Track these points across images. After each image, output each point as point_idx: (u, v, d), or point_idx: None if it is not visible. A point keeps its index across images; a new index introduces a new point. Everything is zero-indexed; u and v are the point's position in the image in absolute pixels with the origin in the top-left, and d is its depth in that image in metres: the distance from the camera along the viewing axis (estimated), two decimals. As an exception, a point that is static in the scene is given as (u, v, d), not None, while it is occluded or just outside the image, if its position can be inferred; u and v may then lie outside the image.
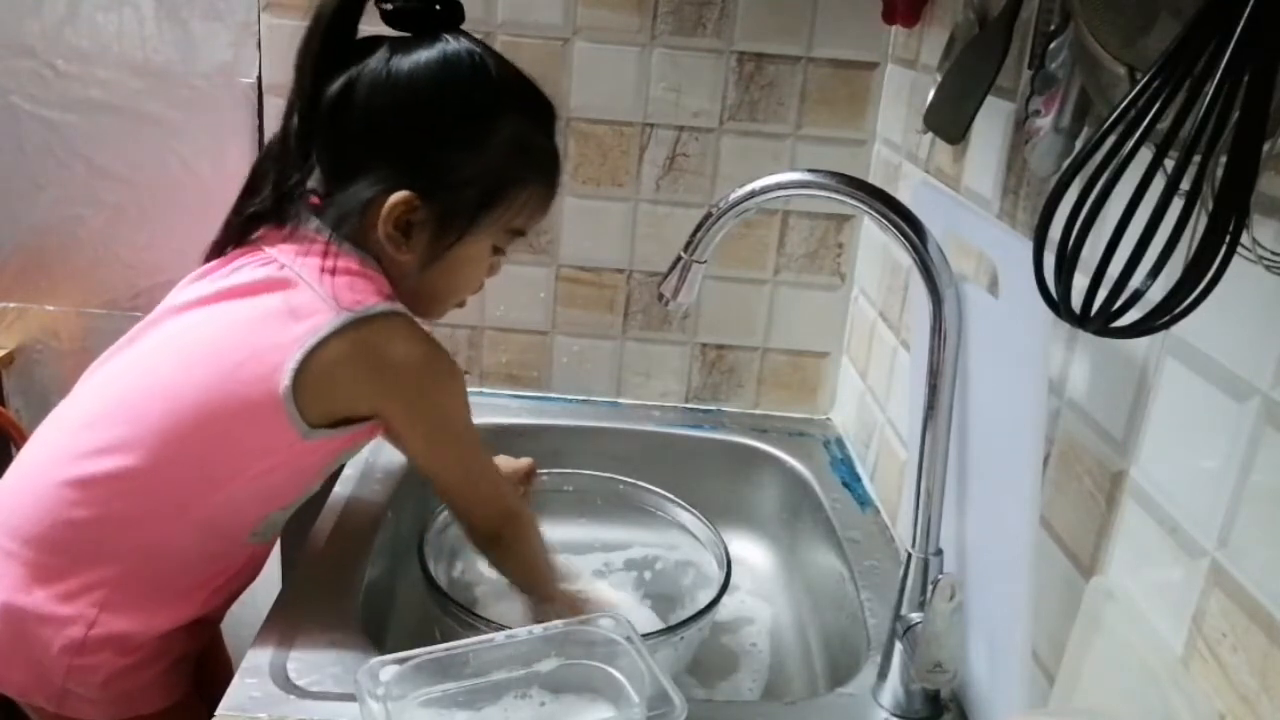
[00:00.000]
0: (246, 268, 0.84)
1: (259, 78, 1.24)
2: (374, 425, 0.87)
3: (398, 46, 0.82)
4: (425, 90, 0.81)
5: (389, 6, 0.83)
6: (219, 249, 0.88)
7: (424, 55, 0.81)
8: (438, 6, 0.83)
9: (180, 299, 0.86)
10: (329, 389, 0.81)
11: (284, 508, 0.89)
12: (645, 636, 0.80)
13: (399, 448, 0.94)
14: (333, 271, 0.81)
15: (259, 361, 0.79)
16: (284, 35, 1.21)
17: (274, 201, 0.86)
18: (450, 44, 0.82)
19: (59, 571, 0.81)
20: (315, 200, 0.85)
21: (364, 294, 0.81)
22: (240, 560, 0.91)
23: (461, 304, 0.95)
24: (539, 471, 1.09)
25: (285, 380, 0.79)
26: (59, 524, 0.81)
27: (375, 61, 0.81)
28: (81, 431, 0.83)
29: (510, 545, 0.93)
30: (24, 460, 0.86)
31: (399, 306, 0.83)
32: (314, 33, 0.82)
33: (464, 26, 0.85)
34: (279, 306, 0.80)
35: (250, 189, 0.88)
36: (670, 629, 0.88)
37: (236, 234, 0.88)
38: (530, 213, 0.89)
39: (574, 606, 0.93)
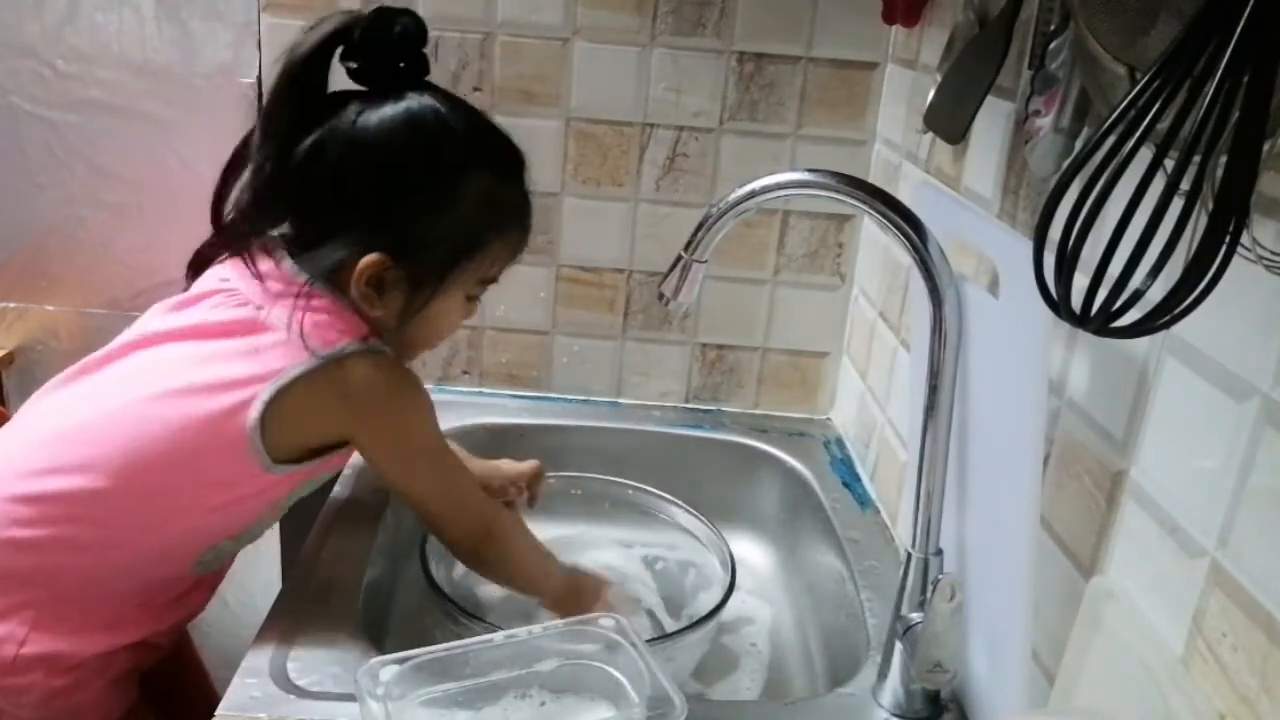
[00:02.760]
0: (221, 306, 0.83)
1: (259, 78, 1.24)
2: (338, 458, 0.87)
3: (365, 104, 0.82)
4: (392, 151, 0.82)
5: (354, 65, 0.83)
6: (194, 272, 0.88)
7: (389, 113, 0.82)
8: (401, 64, 0.83)
9: (150, 329, 0.85)
10: (297, 426, 0.82)
11: (234, 537, 0.89)
12: (650, 642, 0.80)
13: (376, 472, 0.94)
14: (304, 312, 0.81)
15: (228, 398, 0.79)
16: (284, 35, 1.19)
17: (244, 243, 0.85)
18: (415, 101, 0.82)
19: None
20: (290, 246, 0.85)
21: (335, 335, 0.82)
22: (183, 586, 0.90)
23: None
24: (546, 475, 1.09)
25: (254, 416, 0.79)
26: (1, 542, 0.79)
27: (344, 120, 0.82)
28: (34, 450, 0.82)
29: (495, 553, 0.93)
30: None
31: (372, 344, 0.83)
32: (283, 84, 0.82)
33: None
34: (252, 346, 0.81)
35: (219, 221, 0.87)
36: (672, 634, 0.88)
37: (196, 272, 0.88)
38: (504, 260, 0.90)
39: (576, 588, 0.94)
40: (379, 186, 0.83)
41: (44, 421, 0.84)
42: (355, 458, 1.11)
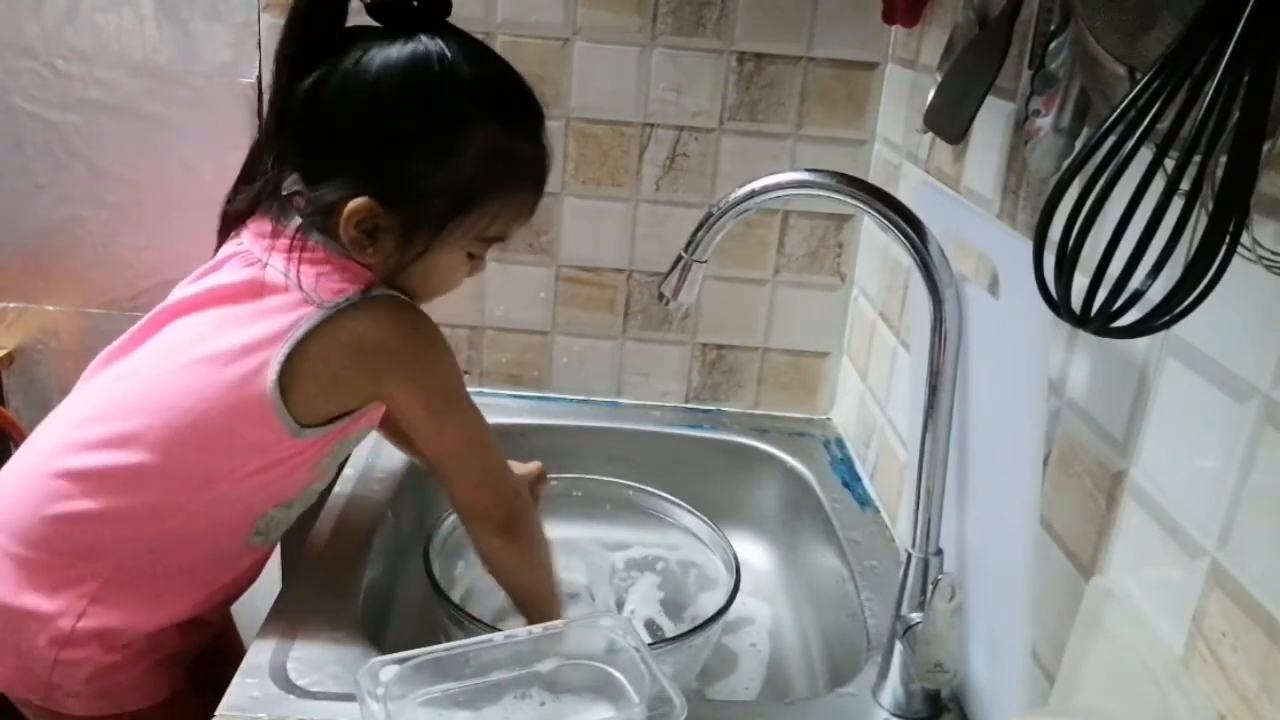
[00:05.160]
0: (233, 268, 0.83)
1: (259, 78, 1.24)
2: (364, 416, 0.86)
3: (372, 42, 0.79)
4: (389, 95, 0.78)
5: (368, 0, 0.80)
6: (220, 242, 0.88)
7: (393, 54, 0.77)
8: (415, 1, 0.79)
9: (173, 300, 0.86)
10: (318, 384, 0.80)
11: (283, 504, 0.89)
12: (653, 645, 0.80)
13: (405, 433, 0.91)
14: (299, 263, 0.80)
15: (244, 364, 0.79)
16: (284, 35, 1.21)
17: (255, 195, 0.84)
18: (423, 44, 0.78)
19: (49, 566, 0.81)
20: (296, 197, 0.83)
21: (342, 284, 0.80)
22: (243, 564, 0.91)
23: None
24: (549, 476, 1.09)
25: (271, 378, 0.79)
26: (50, 518, 0.81)
27: (348, 59, 0.78)
28: (79, 427, 0.83)
29: (522, 535, 0.89)
30: (19, 459, 0.86)
31: (380, 290, 0.81)
32: (291, 21, 0.80)
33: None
34: (264, 306, 0.80)
35: (243, 180, 0.86)
36: (678, 637, 0.88)
37: (225, 229, 0.88)
38: (508, 220, 0.85)
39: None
40: (373, 130, 0.79)
41: (87, 400, 0.85)
42: (356, 455, 1.12)
